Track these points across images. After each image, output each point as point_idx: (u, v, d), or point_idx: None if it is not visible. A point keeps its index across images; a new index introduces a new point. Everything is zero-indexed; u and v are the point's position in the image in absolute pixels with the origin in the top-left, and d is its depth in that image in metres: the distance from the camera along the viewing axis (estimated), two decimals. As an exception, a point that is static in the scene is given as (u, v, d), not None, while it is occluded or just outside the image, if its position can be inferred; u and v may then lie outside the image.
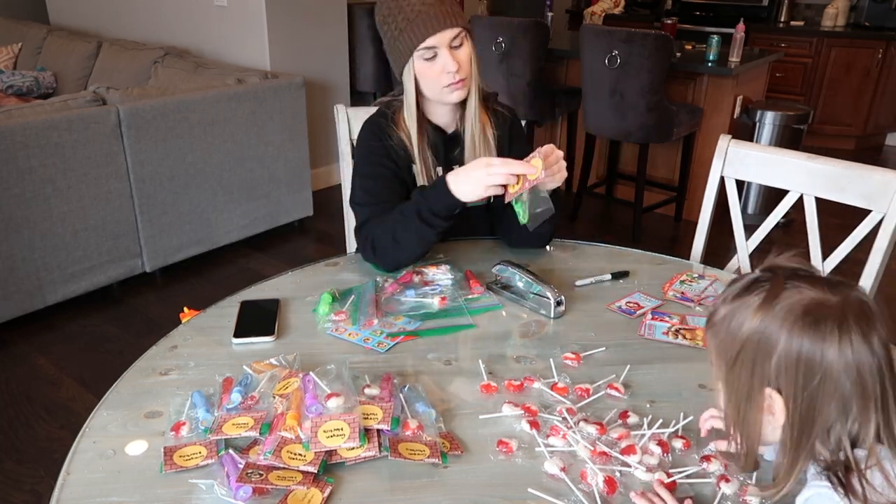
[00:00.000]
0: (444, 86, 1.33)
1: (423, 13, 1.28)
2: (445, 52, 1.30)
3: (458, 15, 1.32)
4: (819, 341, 0.68)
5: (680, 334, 1.17)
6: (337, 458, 0.85)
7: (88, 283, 2.73)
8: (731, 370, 0.75)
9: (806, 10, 5.45)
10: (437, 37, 1.29)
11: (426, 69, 1.32)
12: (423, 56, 1.31)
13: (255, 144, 3.17)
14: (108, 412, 0.96)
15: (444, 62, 1.31)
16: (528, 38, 3.48)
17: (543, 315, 1.23)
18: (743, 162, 1.62)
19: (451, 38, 1.30)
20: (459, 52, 1.32)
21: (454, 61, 1.30)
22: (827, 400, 0.69)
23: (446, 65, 1.30)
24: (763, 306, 0.72)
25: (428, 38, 1.29)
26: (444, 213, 1.27)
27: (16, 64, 4.43)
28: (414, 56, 1.32)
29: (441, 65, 1.31)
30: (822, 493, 0.70)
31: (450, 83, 1.33)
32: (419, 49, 1.30)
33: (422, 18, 1.28)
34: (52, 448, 2.04)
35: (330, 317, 1.20)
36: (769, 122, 3.57)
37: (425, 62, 1.32)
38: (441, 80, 1.33)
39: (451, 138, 1.45)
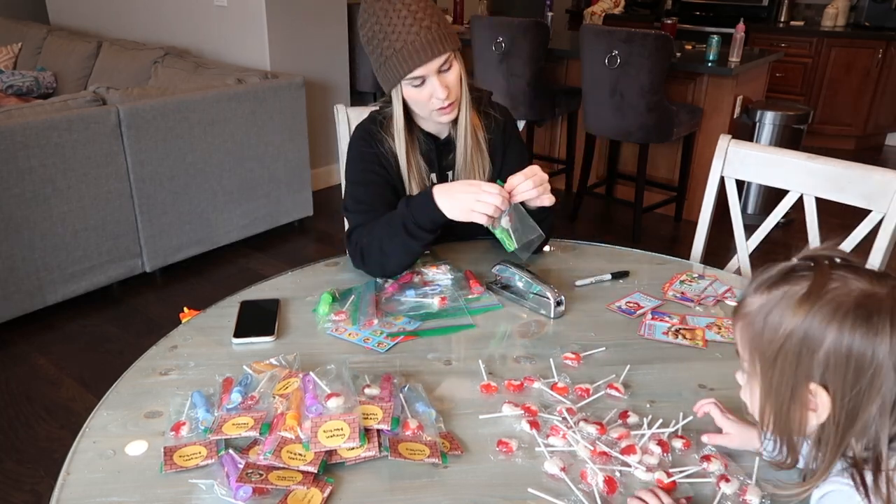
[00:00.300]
0: (434, 109, 1.32)
1: (409, 43, 1.23)
2: (434, 80, 1.28)
3: (446, 39, 1.27)
4: (871, 336, 0.64)
5: (680, 334, 1.17)
6: (337, 458, 0.86)
7: (88, 283, 2.73)
8: (773, 365, 0.70)
9: (806, 10, 5.45)
10: (424, 67, 1.26)
11: (415, 94, 1.30)
12: (412, 84, 1.29)
13: (255, 144, 3.17)
14: (108, 412, 0.96)
15: (433, 89, 1.28)
16: (528, 38, 3.48)
17: (543, 315, 1.23)
18: (743, 162, 1.62)
19: (440, 65, 1.27)
20: (448, 76, 1.30)
21: (443, 87, 1.28)
22: (874, 397, 0.66)
23: (435, 91, 1.28)
24: (808, 298, 0.67)
25: (416, 69, 1.25)
26: (428, 227, 1.26)
27: (16, 64, 4.43)
28: (402, 83, 1.29)
29: (429, 91, 1.29)
30: (843, 490, 0.68)
31: (438, 108, 1.31)
32: (407, 78, 1.28)
33: (408, 49, 1.23)
34: (52, 448, 2.04)
35: (330, 317, 1.20)
36: (769, 122, 3.57)
37: (413, 89, 1.29)
38: (430, 105, 1.31)
39: (444, 144, 1.44)
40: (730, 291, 1.33)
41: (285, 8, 3.56)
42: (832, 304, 0.66)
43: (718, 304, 1.29)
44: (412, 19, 1.23)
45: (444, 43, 1.26)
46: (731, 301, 1.30)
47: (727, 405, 0.99)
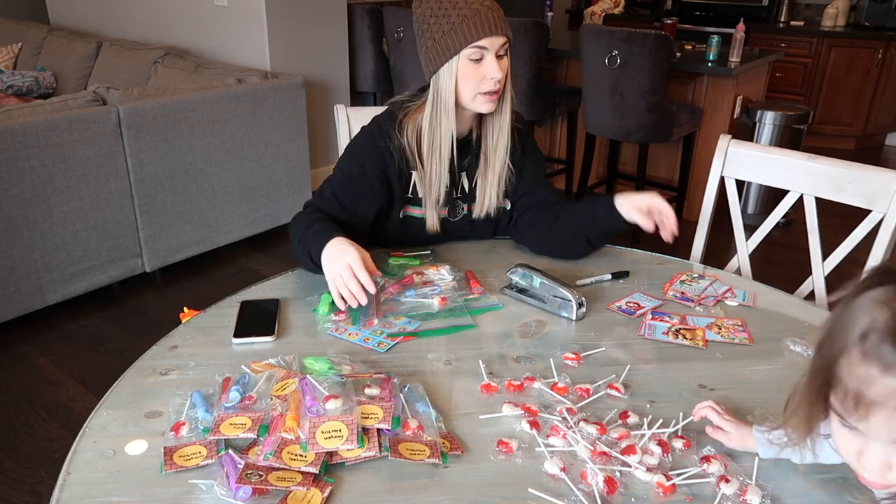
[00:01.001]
0: (482, 92, 1.31)
1: (480, 12, 1.26)
2: (492, 58, 1.28)
3: (507, 25, 1.30)
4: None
5: (680, 334, 1.17)
6: (337, 459, 0.86)
7: (88, 283, 2.73)
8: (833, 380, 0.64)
9: (806, 10, 5.45)
10: (489, 39, 1.27)
11: (470, 71, 1.29)
12: (471, 56, 1.28)
13: (255, 144, 3.17)
14: (108, 412, 0.96)
15: (490, 67, 1.28)
16: (528, 38, 3.48)
17: (565, 317, 1.22)
18: (743, 162, 1.62)
19: (500, 46, 1.29)
20: (503, 62, 1.31)
21: (499, 69, 1.29)
22: None
23: (491, 70, 1.28)
24: None
25: (482, 39, 1.26)
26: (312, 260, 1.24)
27: (16, 64, 4.43)
28: (461, 55, 1.28)
29: (485, 69, 1.29)
30: None
31: (488, 90, 1.30)
32: (470, 47, 1.27)
33: (479, 18, 1.25)
34: (52, 448, 2.04)
35: (330, 317, 1.20)
36: (769, 122, 3.58)
37: (471, 63, 1.28)
38: (481, 86, 1.30)
39: (463, 145, 1.41)
40: (730, 291, 1.33)
41: (285, 8, 3.56)
42: None
43: (718, 304, 1.29)
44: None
45: (506, 27, 1.29)
46: (731, 301, 1.30)
47: (726, 405, 0.99)
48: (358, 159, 1.39)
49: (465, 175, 1.45)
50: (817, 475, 0.87)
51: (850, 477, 0.86)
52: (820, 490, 0.84)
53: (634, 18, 5.70)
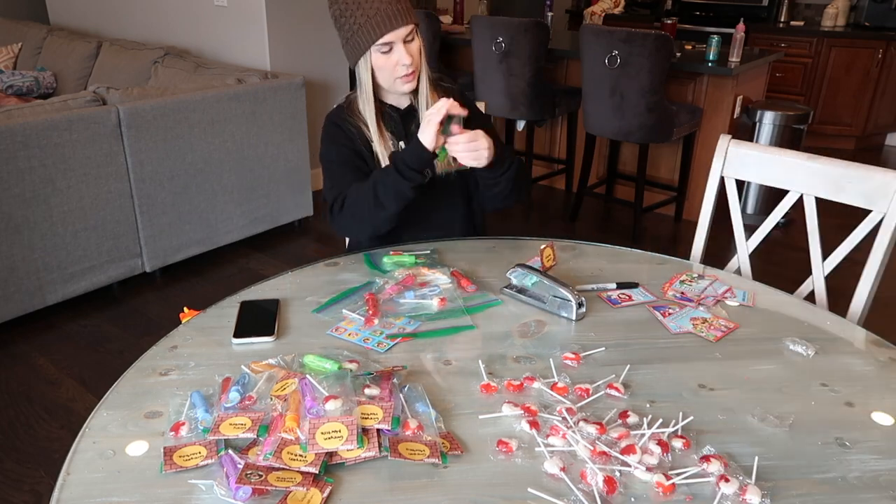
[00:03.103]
0: (398, 77, 1.45)
1: (381, 11, 1.39)
2: (400, 47, 1.42)
3: (411, 12, 1.43)
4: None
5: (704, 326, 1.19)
6: (337, 459, 0.86)
7: (88, 283, 2.73)
8: None
9: (806, 10, 5.45)
10: (393, 33, 1.40)
11: (382, 62, 1.44)
12: (380, 50, 1.42)
13: (255, 144, 3.17)
14: (108, 412, 0.96)
15: (399, 56, 1.43)
16: (528, 38, 3.48)
17: (564, 317, 1.22)
18: (743, 162, 1.62)
19: (406, 34, 1.42)
20: (411, 46, 1.44)
21: (408, 55, 1.43)
22: None
23: (401, 58, 1.43)
24: None
25: (385, 35, 1.40)
26: (416, 164, 1.35)
27: (16, 64, 4.43)
28: (371, 50, 1.43)
29: (396, 58, 1.43)
30: None
31: (403, 74, 1.44)
32: (377, 44, 1.41)
33: (380, 16, 1.39)
34: (52, 448, 2.04)
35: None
36: (769, 122, 3.58)
37: (381, 55, 1.43)
38: (395, 72, 1.44)
39: (406, 114, 1.56)
40: (730, 291, 1.33)
41: (285, 8, 3.56)
42: None
43: (718, 304, 1.29)
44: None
45: (409, 15, 1.42)
46: (731, 301, 1.30)
47: (726, 405, 1.00)
48: (335, 144, 1.52)
49: None
50: (817, 475, 0.87)
51: (850, 476, 0.87)
52: (820, 490, 0.84)
53: (634, 18, 5.70)
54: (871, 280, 1.45)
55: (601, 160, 4.03)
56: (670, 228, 3.76)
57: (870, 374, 1.08)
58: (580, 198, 3.81)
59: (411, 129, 1.54)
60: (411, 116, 1.55)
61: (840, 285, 1.58)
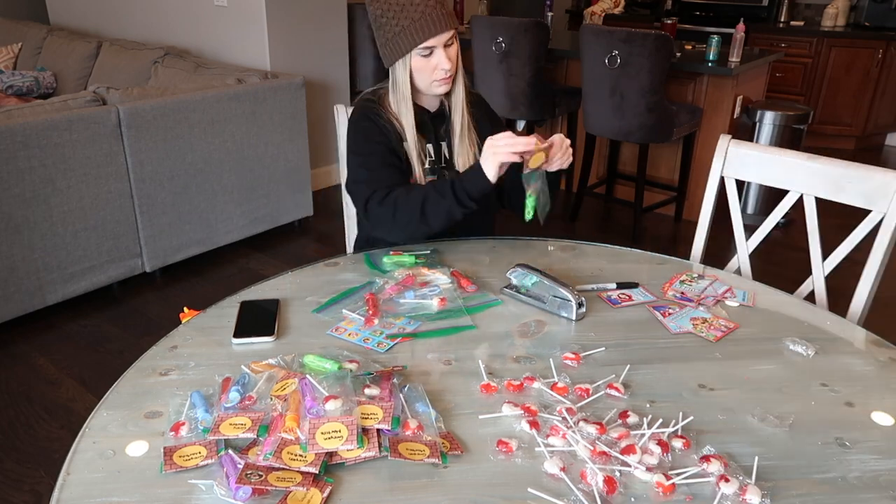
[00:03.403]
0: (435, 80, 1.47)
1: (425, 15, 1.40)
2: (441, 52, 1.45)
3: (453, 17, 1.45)
4: None
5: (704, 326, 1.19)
6: (337, 459, 0.86)
7: (88, 283, 2.73)
8: None
9: (806, 10, 5.45)
10: (436, 38, 1.42)
11: (422, 65, 1.46)
12: (421, 54, 1.44)
13: (255, 144, 3.17)
14: (108, 412, 0.96)
15: (439, 60, 1.45)
16: (528, 38, 3.48)
17: (564, 317, 1.22)
18: (743, 162, 1.62)
19: (447, 39, 1.44)
20: (450, 51, 1.47)
21: (448, 59, 1.45)
22: None
23: (440, 62, 1.45)
24: None
25: (429, 39, 1.42)
26: (477, 194, 1.38)
27: (16, 64, 4.43)
28: (412, 53, 1.44)
29: (436, 62, 1.45)
30: None
31: (441, 78, 1.47)
32: (419, 48, 1.43)
33: (425, 20, 1.40)
34: (52, 448, 2.04)
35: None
36: (769, 122, 3.58)
37: (422, 58, 1.45)
38: (434, 75, 1.47)
39: (437, 116, 1.57)
40: (730, 291, 1.33)
41: (285, 8, 3.56)
42: None
43: (718, 304, 1.29)
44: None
45: (452, 20, 1.45)
46: (731, 301, 1.30)
47: (726, 405, 1.00)
48: (368, 136, 1.50)
49: (445, 145, 1.58)
50: (817, 475, 0.87)
51: (850, 476, 0.87)
52: (820, 490, 0.84)
53: (634, 18, 5.70)
54: (871, 280, 1.45)
55: (601, 160, 4.03)
56: (670, 228, 3.76)
57: (870, 374, 1.08)
58: (580, 198, 3.81)
59: (441, 131, 1.57)
60: (441, 119, 1.57)
61: (840, 285, 1.58)
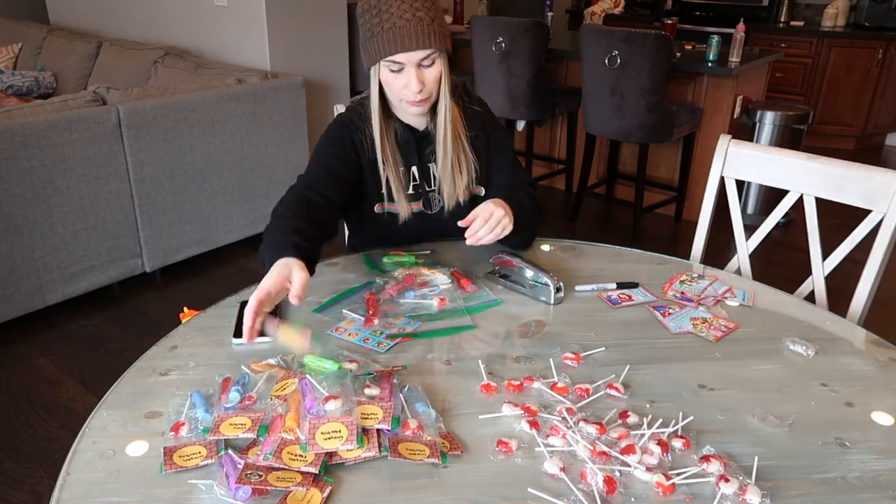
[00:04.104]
0: (404, 100, 1.31)
1: (398, 27, 1.23)
2: (412, 70, 1.26)
3: (436, 36, 1.25)
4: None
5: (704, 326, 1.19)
6: (337, 459, 0.86)
7: (88, 283, 2.73)
8: None
9: (806, 10, 5.45)
10: (404, 55, 1.25)
11: (390, 79, 1.29)
12: (390, 67, 1.28)
13: (255, 144, 3.17)
14: (108, 412, 0.96)
15: (408, 80, 1.27)
16: (528, 38, 3.48)
17: (543, 301, 1.25)
18: (743, 162, 1.62)
19: (421, 58, 1.26)
20: (428, 71, 1.28)
21: (418, 81, 1.27)
22: None
23: (409, 83, 1.27)
24: None
25: (396, 54, 1.25)
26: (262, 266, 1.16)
27: (16, 64, 4.43)
28: (381, 64, 1.28)
29: (404, 81, 1.28)
30: None
31: (409, 100, 1.30)
32: (386, 60, 1.27)
33: (395, 32, 1.23)
34: (52, 448, 2.04)
35: None
36: (769, 122, 3.58)
37: (391, 73, 1.28)
38: (402, 94, 1.30)
39: (423, 136, 1.42)
40: (730, 291, 1.33)
41: (285, 8, 3.56)
42: None
43: (718, 304, 1.29)
44: (408, 6, 1.23)
45: (431, 39, 1.24)
46: (731, 301, 1.30)
47: (726, 405, 1.00)
48: (330, 146, 1.39)
49: (433, 168, 1.43)
50: (817, 475, 0.87)
51: (850, 476, 0.86)
52: (820, 490, 0.84)
53: (634, 18, 5.70)
54: (871, 280, 1.45)
55: (601, 160, 4.03)
56: (670, 228, 3.76)
57: (870, 374, 1.08)
58: (580, 198, 3.81)
59: (426, 153, 1.42)
60: (428, 139, 1.41)
61: (840, 285, 1.58)
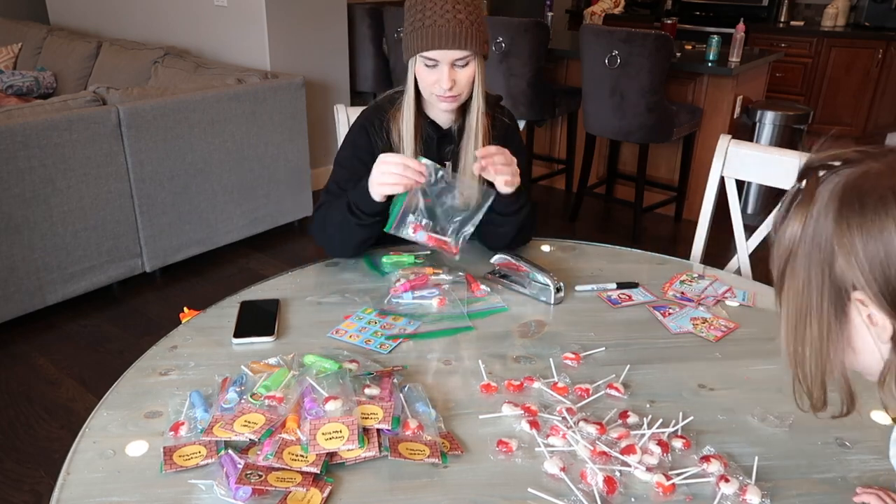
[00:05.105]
0: (434, 94, 1.34)
1: (437, 24, 1.27)
2: (445, 68, 1.30)
3: (473, 39, 1.29)
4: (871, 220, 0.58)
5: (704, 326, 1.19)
6: (337, 459, 0.86)
7: (88, 283, 2.72)
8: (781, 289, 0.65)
9: (806, 10, 5.45)
10: (439, 52, 1.29)
11: (423, 73, 1.33)
12: (425, 62, 1.32)
13: (255, 144, 3.17)
14: (108, 412, 0.96)
15: (440, 76, 1.31)
16: (528, 38, 3.48)
17: (543, 301, 1.25)
18: (743, 162, 1.62)
19: (456, 58, 1.30)
20: (461, 71, 1.32)
21: (449, 79, 1.30)
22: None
23: (441, 80, 1.31)
24: (801, 208, 0.63)
25: (430, 51, 1.29)
26: (367, 210, 1.31)
27: (16, 64, 4.43)
28: (417, 57, 1.33)
29: (436, 77, 1.31)
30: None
31: (439, 94, 1.33)
32: (422, 55, 1.31)
33: (434, 29, 1.27)
34: (52, 448, 2.04)
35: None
36: (769, 122, 3.58)
37: (425, 67, 1.32)
38: (433, 89, 1.34)
39: (444, 135, 1.44)
40: (730, 291, 1.33)
41: (285, 8, 3.56)
42: (824, 202, 0.62)
43: (718, 304, 1.29)
44: (451, 6, 1.28)
45: (469, 41, 1.29)
46: (731, 301, 1.30)
47: (726, 405, 1.00)
48: (354, 151, 1.44)
49: (450, 166, 1.44)
50: (817, 475, 0.87)
51: (850, 476, 0.86)
52: (820, 490, 0.84)
53: (634, 18, 5.70)
54: (871, 280, 1.44)
55: (601, 160, 4.03)
56: (670, 228, 3.76)
57: (870, 374, 1.08)
58: (580, 198, 3.81)
59: (445, 152, 1.44)
60: (449, 139, 1.44)
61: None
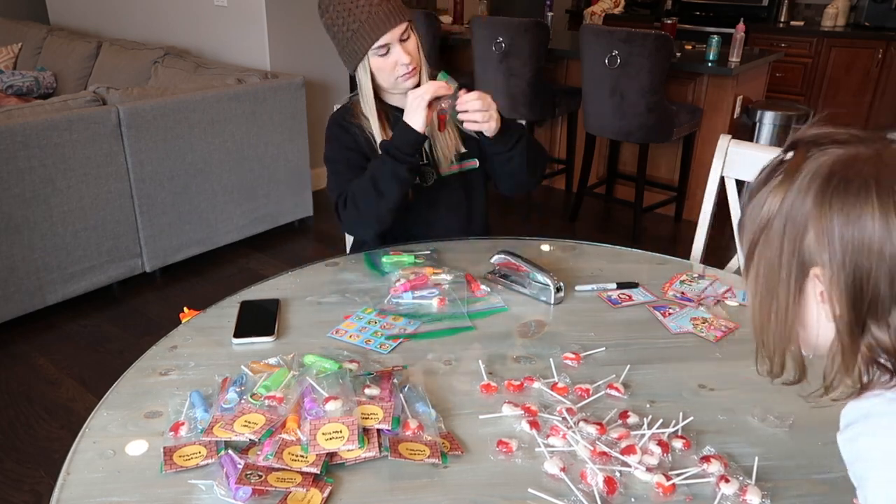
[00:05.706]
0: (399, 76, 1.43)
1: (372, 14, 1.38)
2: (397, 47, 1.41)
3: (402, 10, 1.41)
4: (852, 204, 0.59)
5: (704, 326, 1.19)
6: (338, 459, 0.86)
7: (88, 283, 2.72)
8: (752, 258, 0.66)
9: (806, 10, 5.45)
10: (388, 34, 1.39)
11: (381, 64, 1.42)
12: (378, 53, 1.41)
13: (255, 144, 3.17)
14: (108, 412, 0.96)
15: (397, 56, 1.41)
16: (528, 38, 3.48)
17: (543, 301, 1.25)
18: (743, 162, 1.62)
19: (401, 33, 1.40)
20: (408, 44, 1.43)
21: (406, 54, 1.41)
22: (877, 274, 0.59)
23: (399, 58, 1.41)
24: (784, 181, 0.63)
25: (381, 37, 1.39)
26: (408, 148, 1.36)
27: (16, 64, 4.43)
28: (369, 54, 1.41)
29: (394, 59, 1.42)
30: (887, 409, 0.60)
31: (404, 73, 1.43)
32: (374, 48, 1.40)
33: (372, 19, 1.38)
34: (52, 448, 2.04)
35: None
36: (769, 122, 3.57)
37: (380, 58, 1.42)
38: (396, 72, 1.43)
39: None
40: (730, 291, 1.33)
41: (285, 8, 3.56)
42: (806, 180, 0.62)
43: (719, 304, 1.29)
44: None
45: (401, 13, 1.41)
46: (732, 301, 1.30)
47: (726, 405, 1.00)
48: (339, 146, 1.51)
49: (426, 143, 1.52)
50: (817, 475, 0.87)
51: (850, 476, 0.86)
52: (820, 490, 0.84)
53: (634, 18, 5.70)
54: (871, 280, 1.44)
55: (601, 160, 4.03)
56: (670, 228, 3.76)
57: (870, 374, 1.08)
58: (580, 198, 3.81)
59: None
60: None
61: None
